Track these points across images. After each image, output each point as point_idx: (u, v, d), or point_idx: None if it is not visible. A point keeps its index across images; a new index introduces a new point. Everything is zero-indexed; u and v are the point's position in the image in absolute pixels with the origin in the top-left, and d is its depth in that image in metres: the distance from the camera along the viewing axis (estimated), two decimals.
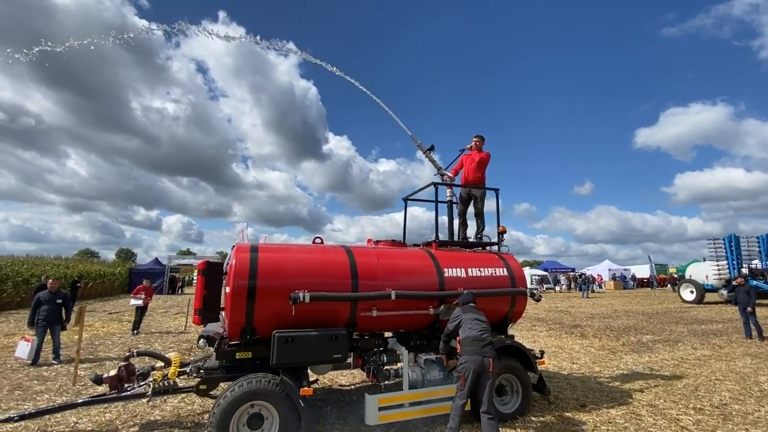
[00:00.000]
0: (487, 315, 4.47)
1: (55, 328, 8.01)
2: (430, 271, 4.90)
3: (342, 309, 4.32)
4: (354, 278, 4.44)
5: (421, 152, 6.19)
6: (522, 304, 5.44)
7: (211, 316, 4.53)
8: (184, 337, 10.95)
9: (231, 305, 4.01)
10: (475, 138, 6.25)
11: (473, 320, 4.12)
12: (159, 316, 15.83)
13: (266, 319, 4.08)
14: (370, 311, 4.39)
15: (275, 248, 4.68)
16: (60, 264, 26.03)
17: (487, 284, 5.06)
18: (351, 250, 4.76)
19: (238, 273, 4.03)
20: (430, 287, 4.77)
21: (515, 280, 5.33)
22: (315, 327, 4.15)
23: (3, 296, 17.67)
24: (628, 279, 41.13)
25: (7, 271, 18.65)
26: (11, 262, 21.52)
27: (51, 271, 21.01)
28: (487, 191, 6.16)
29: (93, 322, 13.71)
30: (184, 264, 36.14)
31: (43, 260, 26.94)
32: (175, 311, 17.44)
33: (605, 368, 7.50)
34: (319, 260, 4.49)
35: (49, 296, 7.98)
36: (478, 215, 6.16)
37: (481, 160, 6.16)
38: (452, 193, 6.15)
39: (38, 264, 23.58)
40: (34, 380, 6.56)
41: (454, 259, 5.18)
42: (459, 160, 6.42)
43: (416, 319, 4.79)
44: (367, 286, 4.44)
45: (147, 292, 12.00)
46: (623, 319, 15.33)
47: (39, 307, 7.89)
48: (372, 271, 4.58)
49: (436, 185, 5.68)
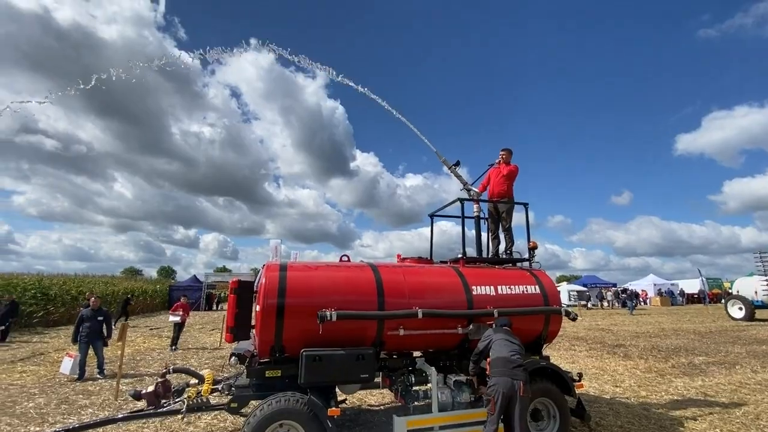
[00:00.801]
0: (520, 335, 4.31)
1: (96, 344, 8.32)
2: (457, 288, 4.79)
3: (369, 328, 4.29)
4: (380, 296, 4.42)
5: (447, 168, 6.15)
6: (557, 324, 5.20)
7: (243, 334, 4.63)
8: (218, 353, 11.23)
9: (261, 323, 4.08)
10: (502, 151, 6.16)
11: (504, 341, 3.98)
12: (196, 332, 16.35)
13: (294, 338, 4.12)
14: (397, 330, 4.34)
15: (303, 267, 4.77)
16: (107, 282, 27.61)
17: (518, 302, 4.88)
18: (377, 268, 4.75)
19: (268, 291, 4.11)
20: (458, 306, 4.67)
21: (548, 297, 5.12)
22: (342, 346, 4.14)
23: (54, 313, 18.89)
24: (676, 294, 38.44)
25: (56, 289, 19.99)
26: (62, 280, 23.05)
27: (99, 288, 22.32)
28: (515, 205, 6.03)
29: (135, 338, 14.35)
30: (219, 281, 37.31)
31: (91, 278, 28.70)
32: (210, 327, 17.97)
33: (653, 393, 6.98)
34: (345, 278, 4.52)
35: (90, 313, 8.35)
36: (507, 230, 6.01)
37: (509, 173, 6.05)
38: (479, 208, 6.05)
39: (87, 282, 25.11)
40: (79, 394, 6.91)
41: (482, 277, 5.05)
42: (486, 175, 6.33)
43: (444, 338, 4.68)
44: (393, 304, 4.40)
45: (184, 308, 12.47)
46: (672, 338, 14.29)
47: (82, 323, 8.27)
48: (398, 289, 4.55)
49: (462, 201, 5.61)
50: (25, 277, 21.67)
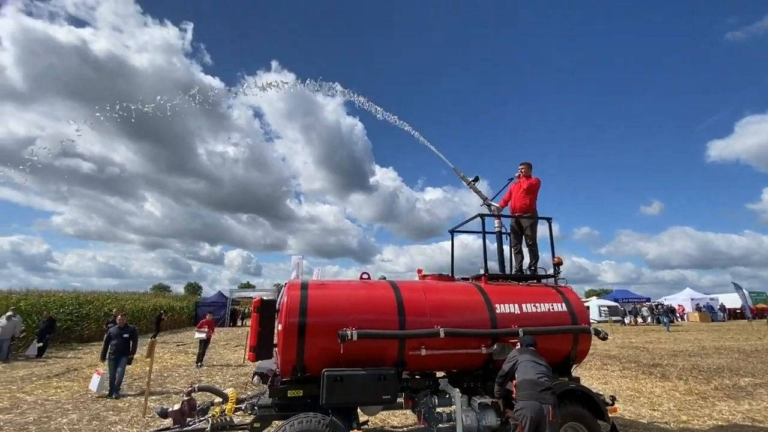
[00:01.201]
0: (547, 355, 4.16)
1: (121, 361, 8.32)
2: (480, 306, 4.70)
3: (390, 347, 4.24)
4: (401, 315, 4.37)
5: (466, 184, 6.11)
6: (586, 343, 4.99)
7: (265, 353, 4.66)
8: (242, 371, 11.32)
9: (282, 342, 4.11)
10: (522, 165, 6.08)
11: (530, 362, 3.85)
12: (221, 348, 16.58)
13: (316, 357, 4.11)
14: (419, 350, 4.27)
15: (324, 285, 4.80)
16: (137, 299, 28.53)
17: (544, 321, 4.73)
18: (397, 286, 4.73)
19: (289, 310, 4.14)
20: (480, 324, 4.56)
21: (576, 315, 4.94)
22: (364, 366, 4.10)
23: (88, 329, 19.61)
24: (716, 309, 36.24)
25: (91, 306, 20.80)
26: (96, 297, 23.98)
27: (129, 305, 23.09)
28: (539, 219, 5.90)
29: (162, 354, 14.67)
30: (244, 297, 37.90)
31: (122, 295, 29.74)
32: (235, 344, 18.19)
33: (694, 417, 6.54)
34: (366, 297, 4.51)
35: (117, 331, 8.46)
36: (531, 246, 5.87)
37: (529, 187, 5.94)
38: (500, 224, 5.96)
39: (119, 299, 26.03)
40: (110, 411, 7.08)
41: (506, 294, 4.94)
42: (508, 190, 6.25)
43: (468, 358, 4.57)
44: (414, 323, 4.35)
45: (209, 325, 12.69)
46: (714, 357, 13.43)
47: (110, 341, 8.39)
48: (419, 307, 4.49)
49: (483, 216, 5.54)
50: (62, 294, 22.68)
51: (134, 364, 9.24)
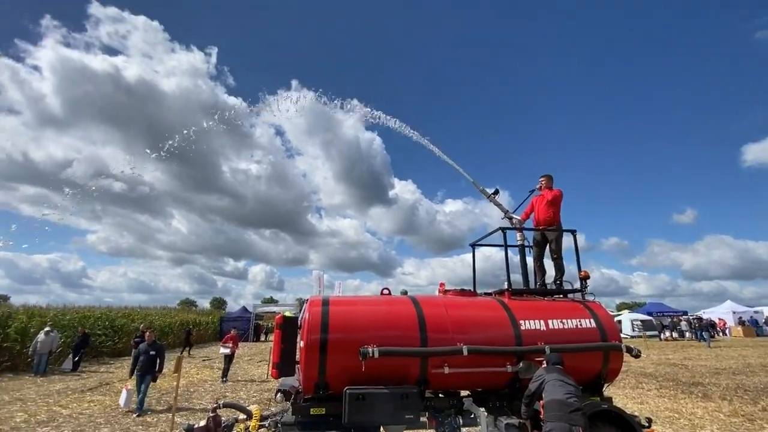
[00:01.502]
0: (575, 374, 4.00)
1: (146, 378, 8.38)
2: (504, 323, 4.58)
3: (412, 365, 4.19)
4: (422, 331, 4.32)
5: (486, 197, 6.06)
6: (618, 361, 4.77)
7: (288, 369, 4.68)
8: (265, 386, 11.38)
9: (304, 359, 4.12)
10: (542, 178, 5.99)
11: (558, 381, 3.71)
12: (245, 364, 16.75)
13: (338, 374, 4.10)
14: (442, 368, 4.19)
15: (345, 301, 4.82)
16: (165, 314, 29.33)
17: (571, 338, 4.56)
18: (418, 301, 4.68)
19: (311, 327, 4.16)
20: (505, 341, 4.44)
21: (606, 332, 4.74)
22: (386, 384, 4.05)
23: (119, 343, 20.25)
24: (761, 323, 33.97)
25: (122, 321, 21.51)
26: (127, 312, 24.81)
27: (158, 320, 23.76)
28: (563, 231, 5.76)
29: (189, 369, 14.94)
30: (266, 311, 38.35)
31: (151, 310, 30.65)
32: (258, 359, 18.34)
33: None
34: (387, 313, 4.49)
35: (145, 347, 8.57)
36: (556, 259, 5.72)
37: (553, 199, 5.83)
38: (523, 237, 5.84)
39: (148, 314, 26.83)
40: (139, 426, 7.25)
41: (531, 310, 4.80)
42: (529, 203, 6.15)
43: (492, 377, 4.44)
44: (436, 339, 4.28)
45: (234, 340, 12.88)
46: (761, 375, 12.55)
47: (138, 357, 8.54)
48: (441, 324, 4.43)
49: (504, 230, 5.45)
50: (96, 309, 23.58)
51: (162, 379, 9.44)
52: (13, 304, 21.08)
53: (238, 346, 13.58)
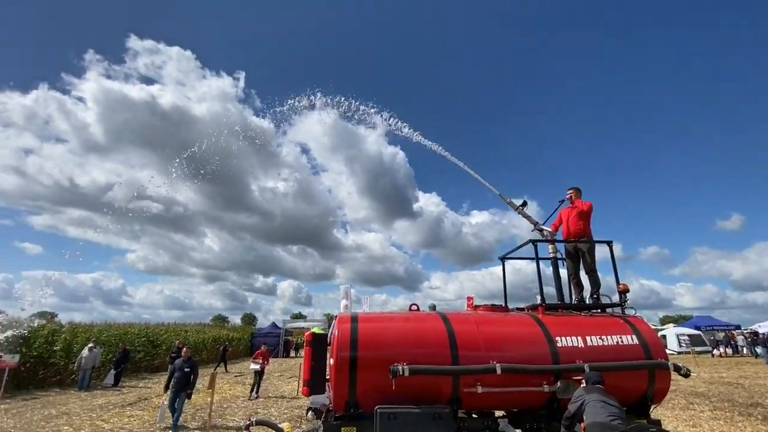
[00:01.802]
0: (618, 395, 3.78)
1: (180, 394, 8.42)
2: (538, 340, 4.41)
3: (443, 384, 4.08)
4: (453, 349, 4.21)
5: (514, 210, 5.93)
6: (665, 381, 4.47)
7: (319, 387, 4.67)
8: (296, 403, 11.39)
9: (335, 377, 4.10)
10: (570, 190, 5.83)
11: (599, 402, 3.51)
12: (275, 380, 16.87)
13: (368, 392, 4.05)
14: (475, 387, 4.05)
15: (374, 317, 4.79)
16: (199, 330, 30.16)
17: (612, 356, 4.32)
18: (447, 318, 4.59)
19: (340, 344, 4.15)
20: (540, 359, 4.26)
21: (650, 349, 4.47)
22: (418, 403, 3.96)
23: (157, 359, 20.92)
24: None
25: (160, 337, 22.26)
26: (164, 329, 25.68)
27: (192, 336, 24.43)
28: (595, 244, 5.53)
29: (222, 385, 15.20)
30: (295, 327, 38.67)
31: (186, 326, 31.61)
32: (289, 375, 18.44)
33: None
34: (416, 330, 4.42)
35: (181, 363, 8.64)
36: (590, 272, 5.49)
37: (581, 212, 5.64)
38: (555, 249, 5.66)
39: (184, 330, 27.66)
40: None
41: (567, 326, 4.60)
42: (557, 216, 5.97)
43: (528, 397, 4.26)
44: (467, 357, 4.16)
45: (264, 356, 13.02)
46: None
47: (174, 373, 8.68)
48: (472, 341, 4.31)
49: (535, 242, 5.30)
50: (135, 326, 24.56)
51: (196, 395, 9.63)
52: (59, 322, 22.28)
53: (269, 361, 13.72)
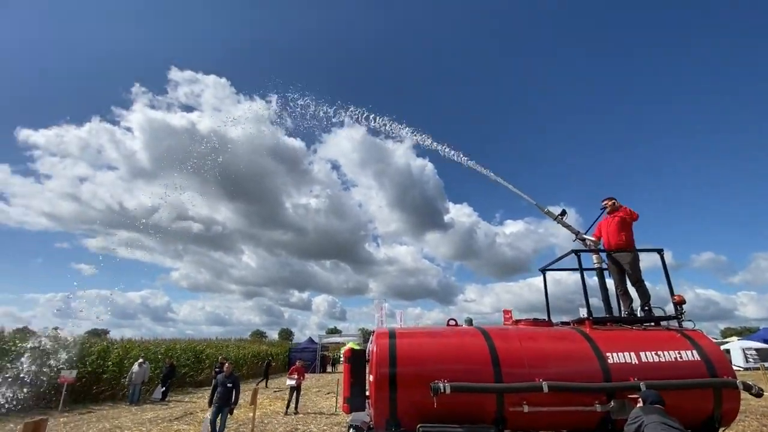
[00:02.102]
0: (680, 416, 3.49)
1: (223, 410, 8.52)
2: (587, 356, 4.18)
3: (487, 402, 3.94)
4: (495, 366, 4.07)
5: (553, 219, 5.73)
6: (734, 401, 4.08)
7: (359, 404, 4.64)
8: (335, 419, 11.35)
9: (375, 394, 4.06)
10: (606, 201, 5.61)
11: (660, 424, 3.25)
12: (313, 395, 16.94)
13: (409, 410, 3.98)
14: (520, 406, 3.88)
15: (411, 333, 4.73)
16: (239, 346, 30.96)
17: (670, 373, 4.01)
18: (488, 333, 4.46)
19: (379, 360, 4.12)
20: (590, 377, 4.03)
21: (714, 366, 4.11)
22: (461, 422, 3.85)
23: (201, 374, 21.62)
24: None
25: (203, 352, 23.04)
26: (207, 344, 26.57)
27: (233, 352, 25.10)
28: (641, 253, 5.22)
29: (262, 400, 15.42)
30: (331, 342, 38.81)
31: (227, 342, 32.57)
32: (326, 391, 18.46)
33: None
34: (456, 345, 4.31)
35: (223, 379, 8.76)
36: (636, 283, 5.18)
37: (621, 220, 5.37)
38: (600, 259, 5.39)
39: (225, 346, 28.51)
40: None
41: (618, 341, 4.34)
42: (596, 227, 5.71)
43: (579, 417, 4.01)
44: (511, 374, 4.00)
45: (299, 372, 13.11)
46: None
47: (217, 388, 8.74)
48: (516, 357, 4.15)
49: (578, 252, 5.08)
50: (180, 341, 25.59)
51: (238, 410, 9.81)
52: (111, 338, 23.60)
53: (304, 377, 13.82)
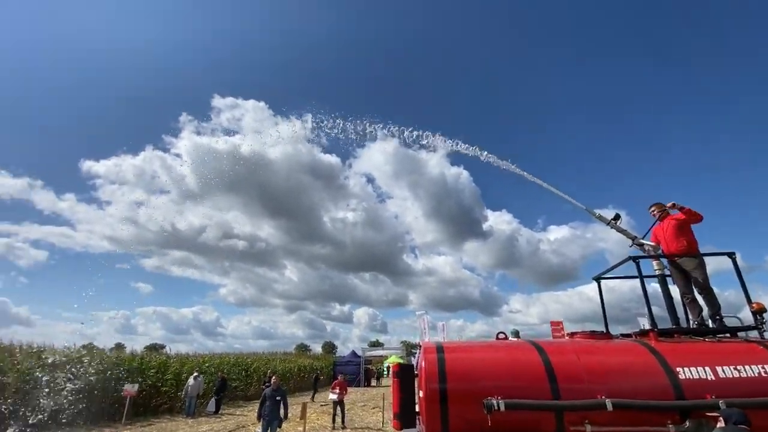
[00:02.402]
0: None
1: (273, 423, 8.67)
2: (654, 371, 3.86)
3: (545, 421, 3.73)
4: (552, 382, 3.86)
5: (606, 225, 5.43)
6: None
7: (409, 421, 4.56)
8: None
9: (425, 411, 3.98)
10: (653, 207, 5.27)
11: None
12: (359, 410, 16.90)
13: (461, 428, 3.84)
14: (582, 425, 3.64)
15: (460, 347, 4.62)
16: (285, 359, 31.65)
17: (754, 390, 3.61)
18: (542, 347, 4.25)
19: (429, 376, 4.05)
20: (658, 394, 3.71)
21: None
22: None
23: (251, 387, 22.26)
24: None
25: (252, 366, 23.75)
26: (255, 358, 27.38)
27: (279, 365, 25.68)
28: (707, 257, 4.80)
29: (309, 414, 15.59)
30: (374, 356, 38.72)
31: (274, 355, 33.38)
32: (372, 405, 18.35)
33: None
34: (508, 360, 4.15)
35: (271, 393, 8.90)
36: (703, 290, 4.75)
37: (679, 223, 4.98)
38: (662, 265, 5.02)
39: (272, 360, 29.24)
40: None
41: (690, 354, 3.98)
42: (651, 236, 5.34)
43: None
44: (570, 391, 3.78)
45: (341, 386, 13.15)
46: None
47: (264, 402, 8.94)
48: (573, 373, 3.91)
49: (636, 259, 4.75)
50: (230, 355, 26.57)
51: (286, 423, 9.96)
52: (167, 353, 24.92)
53: (347, 391, 13.84)
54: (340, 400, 12.89)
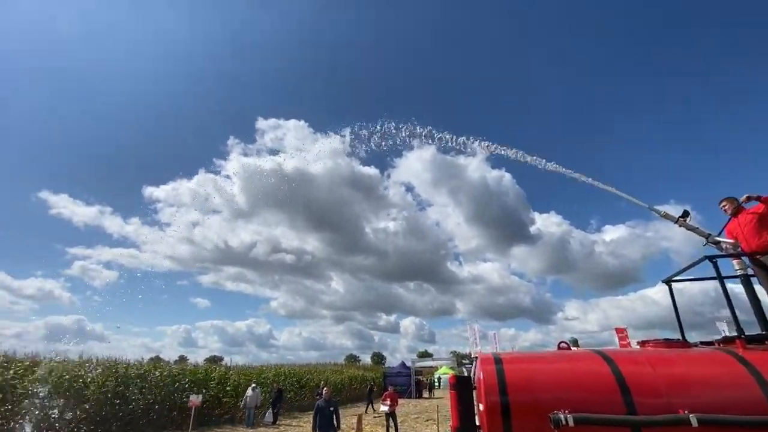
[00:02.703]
0: None
1: None
2: (744, 383, 3.47)
3: None
4: (625, 395, 3.59)
5: (674, 223, 5.02)
6: None
7: None
8: None
9: (487, 425, 3.85)
10: (724, 202, 4.79)
11: None
12: (413, 422, 16.68)
13: None
14: None
15: (519, 358, 4.45)
16: (336, 370, 32.08)
17: None
18: (611, 357, 3.98)
19: (488, 388, 3.92)
20: (750, 408, 3.32)
21: None
22: None
23: (305, 398, 22.74)
24: None
25: (303, 377, 24.28)
26: (307, 369, 28.02)
27: (331, 377, 26.07)
28: None
29: (364, 426, 15.62)
30: (424, 366, 38.14)
31: (324, 366, 33.98)
32: (425, 417, 18.05)
33: None
34: (574, 371, 3.93)
35: (324, 404, 8.93)
36: None
37: (760, 217, 4.49)
38: (743, 264, 4.54)
39: (323, 371, 29.77)
40: None
41: None
42: (725, 232, 4.87)
43: None
44: (645, 405, 3.49)
45: (392, 398, 13.05)
46: None
47: (318, 414, 8.96)
48: (649, 385, 3.62)
49: (713, 259, 4.34)
50: (283, 367, 27.37)
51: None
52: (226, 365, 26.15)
53: (397, 403, 13.71)
54: (391, 412, 12.81)
